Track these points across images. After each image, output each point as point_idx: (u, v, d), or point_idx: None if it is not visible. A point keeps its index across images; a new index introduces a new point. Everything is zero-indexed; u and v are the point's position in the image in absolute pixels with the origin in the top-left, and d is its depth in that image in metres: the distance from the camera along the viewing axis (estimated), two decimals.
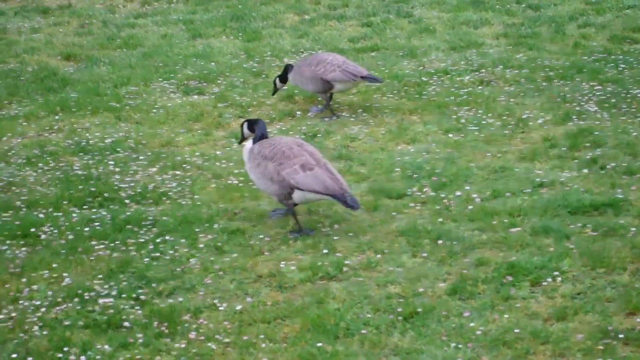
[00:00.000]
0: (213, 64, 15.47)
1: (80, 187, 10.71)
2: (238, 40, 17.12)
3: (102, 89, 14.43)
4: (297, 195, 9.13)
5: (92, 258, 9.10)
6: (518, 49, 15.44)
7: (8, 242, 9.52)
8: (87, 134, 12.62)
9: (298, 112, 13.08)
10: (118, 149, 11.96)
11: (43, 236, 9.58)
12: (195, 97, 13.97)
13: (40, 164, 11.58)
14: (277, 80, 13.27)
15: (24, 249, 9.42)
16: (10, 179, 11.07)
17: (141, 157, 11.60)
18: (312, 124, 12.54)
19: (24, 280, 8.76)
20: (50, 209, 10.25)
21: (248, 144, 9.68)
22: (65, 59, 16.71)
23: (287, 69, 13.13)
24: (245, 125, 10.06)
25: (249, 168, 9.54)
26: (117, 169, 11.27)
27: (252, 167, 9.41)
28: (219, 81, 14.61)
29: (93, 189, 10.63)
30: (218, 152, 11.72)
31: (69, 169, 11.34)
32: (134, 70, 15.38)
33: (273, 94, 13.55)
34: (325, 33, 17.28)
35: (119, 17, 19.53)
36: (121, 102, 13.82)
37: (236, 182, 10.71)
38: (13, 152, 12.06)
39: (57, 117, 13.39)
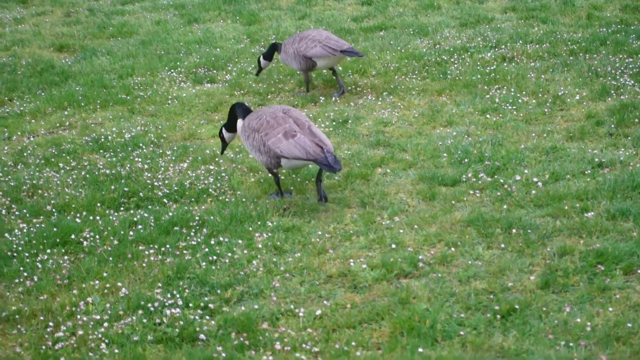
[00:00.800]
0: (218, 50, 14.89)
1: (112, 187, 10.08)
2: (237, 24, 16.54)
3: (108, 81, 13.80)
4: (284, 163, 9.20)
5: (144, 264, 8.50)
6: (530, 23, 15.03)
7: (48, 251, 8.90)
8: (103, 130, 12.01)
9: (321, 98, 12.54)
10: (140, 144, 11.35)
11: (85, 243, 8.97)
12: (208, 85, 13.39)
13: (61, 164, 10.95)
14: (261, 59, 12.90)
15: (66, 257, 8.84)
16: (34, 182, 10.43)
17: (168, 152, 11.01)
18: (338, 110, 12.01)
19: (74, 292, 8.18)
20: (84, 213, 9.66)
21: (239, 122, 9.66)
22: (58, 50, 16.05)
23: (275, 47, 12.75)
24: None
25: (245, 144, 9.51)
26: (145, 166, 10.68)
27: (243, 138, 9.48)
28: (229, 67, 14.02)
29: (126, 189, 10.04)
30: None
31: (94, 168, 10.73)
32: (135, 59, 14.76)
33: (257, 74, 13.18)
34: (326, 13, 16.76)
35: (105, 5, 18.86)
36: (131, 94, 13.21)
37: None
38: (28, 152, 11.42)
39: (66, 113, 12.76)
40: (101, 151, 11.33)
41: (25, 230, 9.32)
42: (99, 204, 9.84)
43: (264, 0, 18.10)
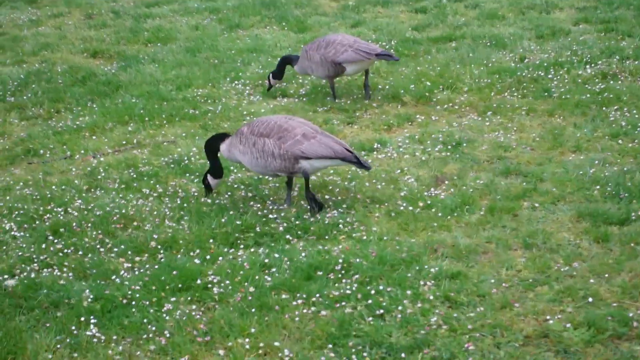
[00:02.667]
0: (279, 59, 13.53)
1: (223, 220, 8.74)
2: (286, 30, 15.26)
3: (165, 93, 12.43)
4: (304, 165, 8.76)
5: (297, 319, 7.18)
6: (614, 36, 13.92)
7: (172, 299, 7.54)
8: (179, 149, 10.65)
9: (418, 117, 11.31)
10: (231, 168, 10.01)
11: (215, 289, 7.62)
12: (284, 100, 12.08)
13: (146, 189, 9.61)
14: (271, 77, 11.99)
15: (193, 306, 7.46)
16: (122, 211, 9.05)
17: (268, 178, 9.68)
18: (445, 131, 10.77)
19: (220, 352, 6.85)
20: (197, 251, 8.31)
21: (224, 145, 9.17)
22: (92, 56, 14.68)
23: (287, 60, 11.82)
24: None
25: (240, 151, 8.99)
26: (249, 194, 9.36)
27: (245, 149, 8.90)
28: (299, 80, 12.72)
29: (238, 222, 8.70)
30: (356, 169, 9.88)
31: (188, 195, 9.37)
32: (188, 69, 13.42)
33: (268, 90, 12.18)
34: (379, 21, 15.57)
35: (129, 7, 17.46)
36: (198, 108, 11.88)
37: (408, 205, 8.91)
38: (102, 174, 10.02)
39: (129, 129, 11.39)
40: (187, 175, 9.97)
41: (135, 272, 7.96)
42: (211, 240, 8.48)
43: (305, 5, 16.81)
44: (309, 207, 8.97)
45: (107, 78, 13.15)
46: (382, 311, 7.24)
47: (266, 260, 8.04)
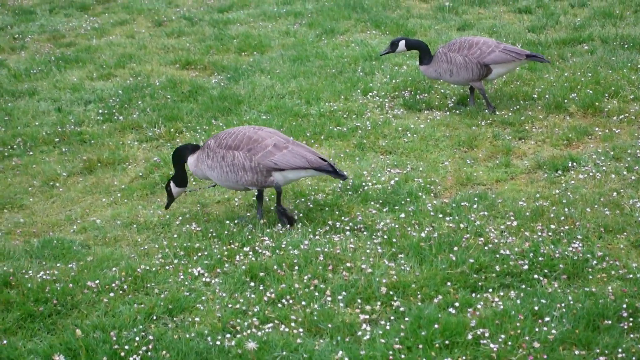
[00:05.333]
0: (405, 67, 12.40)
1: (451, 257, 7.61)
2: (388, 35, 14.11)
3: (295, 107, 11.26)
4: (277, 177, 8.28)
5: None
6: None
7: (432, 353, 6.37)
8: (346, 172, 9.44)
9: (597, 129, 10.21)
10: (419, 195, 8.88)
11: (493, 346, 6.47)
12: (435, 113, 10.93)
13: (330, 221, 8.47)
14: (404, 43, 10.99)
15: None
16: (324, 249, 7.85)
17: (463, 202, 8.55)
18: (636, 146, 9.65)
19: None
20: (440, 297, 7.17)
21: (192, 158, 8.54)
22: (184, 67, 13.42)
23: (423, 51, 10.85)
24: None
25: (208, 166, 8.39)
26: (462, 225, 8.18)
27: (214, 163, 8.32)
28: (441, 90, 11.58)
29: (471, 260, 7.56)
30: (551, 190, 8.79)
31: (389, 227, 8.23)
32: (307, 80, 12.28)
33: (383, 54, 11.32)
34: (485, 22, 14.54)
35: (199, 12, 16.23)
36: (343, 124, 10.76)
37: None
38: (267, 203, 8.83)
39: None
40: (371, 203, 8.80)
41: (377, 325, 6.79)
42: (448, 283, 7.31)
43: (394, 7, 15.69)
44: (280, 221, 8.46)
45: (220, 92, 11.92)
46: None
47: (536, 308, 6.86)
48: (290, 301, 7.25)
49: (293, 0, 16.57)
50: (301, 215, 8.64)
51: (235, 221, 8.61)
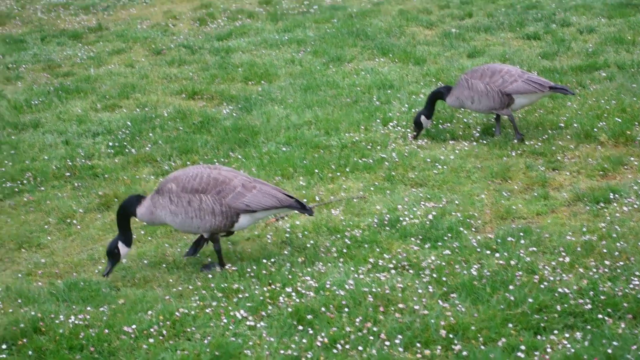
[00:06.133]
0: (421, 96, 12.09)
1: (509, 297, 7.24)
2: (397, 63, 13.85)
3: (315, 139, 10.87)
4: (244, 220, 7.92)
5: None
6: None
7: None
8: (377, 207, 9.12)
9: (633, 159, 9.92)
10: (459, 230, 8.53)
11: None
12: (462, 144, 10.61)
13: (372, 259, 8.10)
14: (423, 118, 10.61)
15: None
16: (372, 289, 7.47)
17: (509, 238, 8.21)
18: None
19: None
20: (504, 340, 6.79)
21: (141, 208, 7.97)
22: (190, 97, 13.01)
23: (438, 95, 10.59)
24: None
25: (170, 212, 7.85)
26: (512, 262, 7.82)
27: (178, 209, 7.82)
28: (464, 120, 11.30)
29: (530, 300, 7.19)
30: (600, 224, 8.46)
31: (434, 265, 7.88)
32: (323, 110, 11.91)
33: (416, 137, 10.75)
34: (495, 49, 14.19)
35: (197, 40, 15.86)
36: (368, 156, 10.36)
37: None
38: (301, 240, 8.47)
39: (302, 183, 9.87)
40: (410, 238, 8.44)
41: None
42: (510, 325, 6.95)
43: (399, 34, 15.41)
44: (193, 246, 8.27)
45: (234, 123, 11.54)
46: None
47: (609, 351, 6.51)
48: (346, 346, 6.84)
49: (293, 27, 16.23)
50: (341, 257, 8.23)
51: (272, 260, 8.20)
